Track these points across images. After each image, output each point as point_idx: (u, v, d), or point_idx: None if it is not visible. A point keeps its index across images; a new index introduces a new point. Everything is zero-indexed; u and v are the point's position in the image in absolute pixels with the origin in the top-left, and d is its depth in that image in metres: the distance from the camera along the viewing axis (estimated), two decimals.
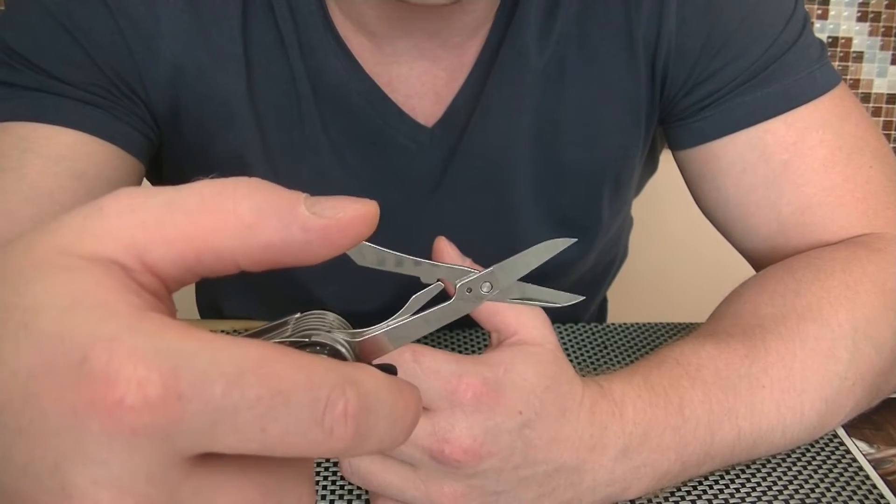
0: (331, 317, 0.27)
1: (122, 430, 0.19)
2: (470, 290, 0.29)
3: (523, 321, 0.44)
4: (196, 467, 0.20)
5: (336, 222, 0.22)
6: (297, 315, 0.28)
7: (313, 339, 0.26)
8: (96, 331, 0.19)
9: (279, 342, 0.25)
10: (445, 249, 0.44)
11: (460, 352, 0.64)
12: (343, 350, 0.26)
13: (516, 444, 0.41)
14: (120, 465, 0.19)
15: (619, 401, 0.45)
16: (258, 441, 0.19)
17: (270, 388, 0.19)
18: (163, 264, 0.21)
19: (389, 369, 0.26)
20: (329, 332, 0.26)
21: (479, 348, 0.65)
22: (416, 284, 0.28)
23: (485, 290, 0.29)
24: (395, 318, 0.28)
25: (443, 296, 0.29)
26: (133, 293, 0.21)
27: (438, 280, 0.29)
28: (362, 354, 0.27)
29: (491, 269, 0.29)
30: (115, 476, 0.19)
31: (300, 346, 0.26)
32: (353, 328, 0.28)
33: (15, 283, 0.21)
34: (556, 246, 0.31)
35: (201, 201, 0.22)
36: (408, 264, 0.27)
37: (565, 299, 0.33)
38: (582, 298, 0.33)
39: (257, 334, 0.27)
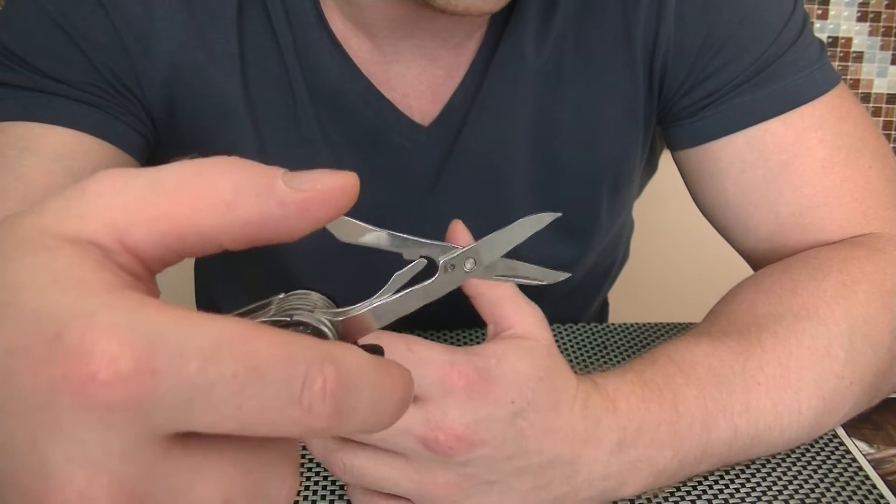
0: (315, 296, 0.27)
1: (95, 405, 0.19)
2: (453, 266, 0.29)
3: (521, 316, 0.44)
4: (174, 447, 0.20)
5: (313, 195, 0.22)
6: (281, 295, 0.27)
7: (295, 318, 0.25)
8: (73, 307, 0.19)
9: (261, 322, 0.25)
10: (460, 233, 0.43)
11: None
12: (325, 329, 0.26)
13: (508, 434, 0.41)
14: (94, 442, 0.19)
15: (612, 396, 0.45)
16: (234, 418, 0.19)
17: (246, 364, 0.19)
18: (144, 245, 0.21)
19: (375, 350, 0.25)
20: (312, 311, 0.26)
21: None
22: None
23: (468, 266, 0.29)
24: (377, 296, 0.28)
25: (425, 273, 0.29)
26: (111, 272, 0.21)
27: (422, 257, 0.28)
28: (346, 334, 0.27)
29: (474, 244, 0.29)
30: (90, 453, 0.19)
31: (282, 325, 0.25)
32: (338, 306, 0.27)
33: None
34: (540, 220, 0.30)
35: (181, 180, 0.22)
36: (391, 240, 0.27)
37: (552, 277, 0.32)
38: (568, 275, 0.33)
39: (240, 315, 0.26)
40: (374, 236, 0.26)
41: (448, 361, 0.41)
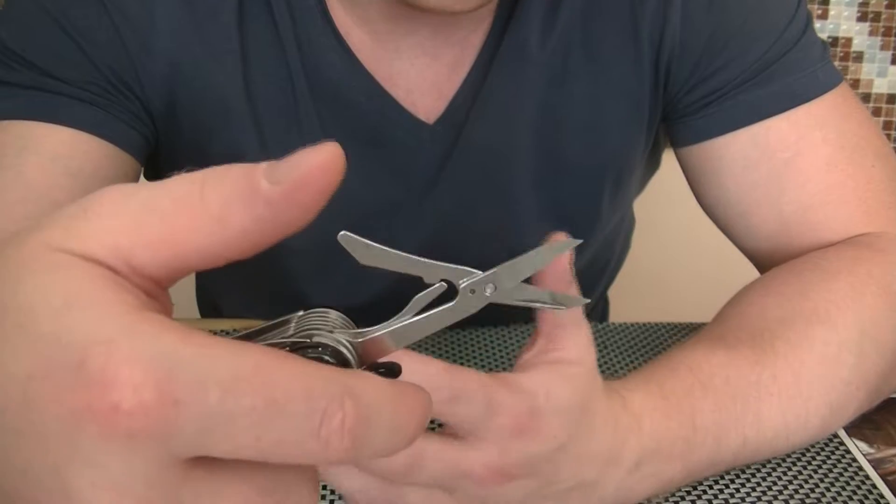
0: (333, 315, 0.27)
1: (118, 433, 0.19)
2: (473, 291, 0.28)
3: (576, 341, 0.42)
4: (195, 469, 0.20)
5: (295, 184, 0.21)
6: (300, 313, 0.27)
7: (315, 339, 0.25)
8: (93, 333, 0.19)
9: (280, 342, 0.25)
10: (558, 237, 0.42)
11: (460, 351, 0.63)
12: (345, 351, 0.26)
13: (545, 468, 0.41)
14: (118, 467, 0.19)
15: (637, 414, 0.44)
16: (253, 448, 0.20)
17: (265, 397, 0.19)
18: (149, 267, 0.21)
19: (392, 368, 0.25)
20: (331, 331, 0.26)
21: (479, 348, 0.65)
22: (409, 278, 0.28)
23: (488, 291, 0.29)
24: (397, 318, 0.28)
25: (445, 295, 0.28)
26: (128, 291, 0.21)
27: (441, 281, 0.28)
28: (364, 355, 0.27)
29: (495, 270, 0.29)
30: (114, 479, 0.19)
31: (301, 346, 0.25)
32: (356, 325, 0.27)
33: (6, 282, 0.21)
34: (560, 246, 0.30)
35: (174, 202, 0.21)
36: (411, 263, 0.27)
37: (572, 302, 0.32)
38: (587, 301, 0.33)
39: (259, 332, 0.26)
40: (395, 259, 0.26)
41: (505, 405, 0.39)
